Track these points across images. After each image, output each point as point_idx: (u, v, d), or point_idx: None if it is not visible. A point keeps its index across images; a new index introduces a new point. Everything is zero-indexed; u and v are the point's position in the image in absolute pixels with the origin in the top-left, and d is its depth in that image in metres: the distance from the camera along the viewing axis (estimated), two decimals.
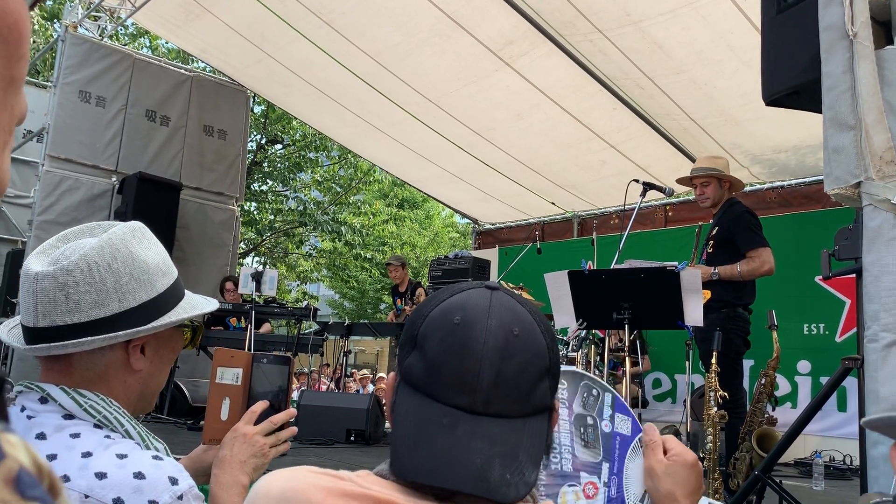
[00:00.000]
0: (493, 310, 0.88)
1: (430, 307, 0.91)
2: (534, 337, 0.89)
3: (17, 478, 0.35)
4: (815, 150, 6.93)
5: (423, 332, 0.89)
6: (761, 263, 4.42)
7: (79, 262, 1.11)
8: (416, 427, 0.85)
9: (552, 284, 4.19)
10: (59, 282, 1.10)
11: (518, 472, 0.83)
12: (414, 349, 0.90)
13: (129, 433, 1.13)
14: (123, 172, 7.90)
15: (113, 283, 1.13)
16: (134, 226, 1.21)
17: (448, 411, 0.85)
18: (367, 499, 0.82)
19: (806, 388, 6.91)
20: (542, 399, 0.89)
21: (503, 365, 0.85)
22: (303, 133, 15.22)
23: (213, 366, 1.40)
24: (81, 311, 1.11)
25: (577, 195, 9.04)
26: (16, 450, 0.35)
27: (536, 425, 0.88)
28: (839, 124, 2.12)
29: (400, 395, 0.90)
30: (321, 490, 0.82)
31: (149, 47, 14.55)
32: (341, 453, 5.60)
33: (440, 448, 0.83)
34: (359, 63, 7.32)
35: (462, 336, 0.86)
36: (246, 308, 6.77)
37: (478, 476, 0.80)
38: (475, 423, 0.84)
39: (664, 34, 5.83)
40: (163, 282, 1.21)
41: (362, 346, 26.72)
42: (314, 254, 18.48)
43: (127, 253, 1.15)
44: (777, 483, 3.20)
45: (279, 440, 1.35)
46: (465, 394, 0.85)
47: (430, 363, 0.87)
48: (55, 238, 1.20)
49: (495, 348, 0.85)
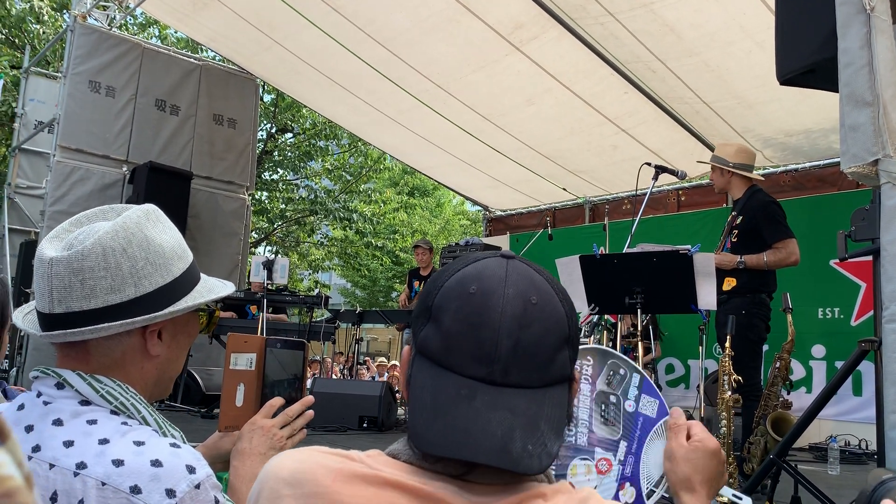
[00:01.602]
0: (510, 278, 0.86)
1: (445, 278, 0.89)
2: (552, 305, 0.86)
3: None
4: (827, 132, 6.86)
5: (439, 304, 0.87)
6: (788, 254, 4.41)
7: (94, 246, 1.09)
8: (434, 399, 0.83)
9: (564, 270, 4.17)
10: (73, 267, 1.08)
11: (540, 442, 0.81)
12: (429, 321, 0.87)
13: (145, 420, 1.12)
14: (134, 162, 7.92)
15: (129, 267, 1.11)
16: (148, 209, 1.19)
17: (466, 382, 0.83)
18: (377, 480, 0.81)
19: (821, 372, 6.86)
20: (561, 368, 0.87)
21: (521, 334, 0.83)
22: (313, 121, 15.20)
23: (226, 352, 1.39)
24: (97, 297, 1.09)
25: (588, 181, 8.99)
26: None
27: (557, 395, 0.86)
28: (856, 101, 2.08)
29: (416, 368, 0.88)
30: (331, 472, 0.81)
31: (158, 37, 14.55)
32: (354, 440, 5.62)
33: (459, 420, 0.80)
34: (368, 50, 7.29)
35: (479, 306, 0.84)
36: (257, 296, 6.78)
37: (499, 448, 0.79)
38: (495, 394, 0.82)
39: (676, 16, 5.76)
40: (178, 266, 1.19)
41: (374, 333, 26.80)
42: (325, 242, 18.50)
43: (142, 237, 1.14)
44: (792, 467, 3.17)
45: (295, 430, 1.35)
46: (484, 364, 0.83)
47: (447, 334, 0.85)
48: (68, 222, 1.18)
49: (513, 317, 0.83)
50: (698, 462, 1.10)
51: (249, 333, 1.74)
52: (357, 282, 21.90)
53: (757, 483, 3.25)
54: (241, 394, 1.36)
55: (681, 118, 7.30)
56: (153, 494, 0.99)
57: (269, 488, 0.84)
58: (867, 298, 6.62)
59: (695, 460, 1.10)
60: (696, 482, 1.09)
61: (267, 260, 6.80)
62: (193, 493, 1.01)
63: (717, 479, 1.11)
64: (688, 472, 1.09)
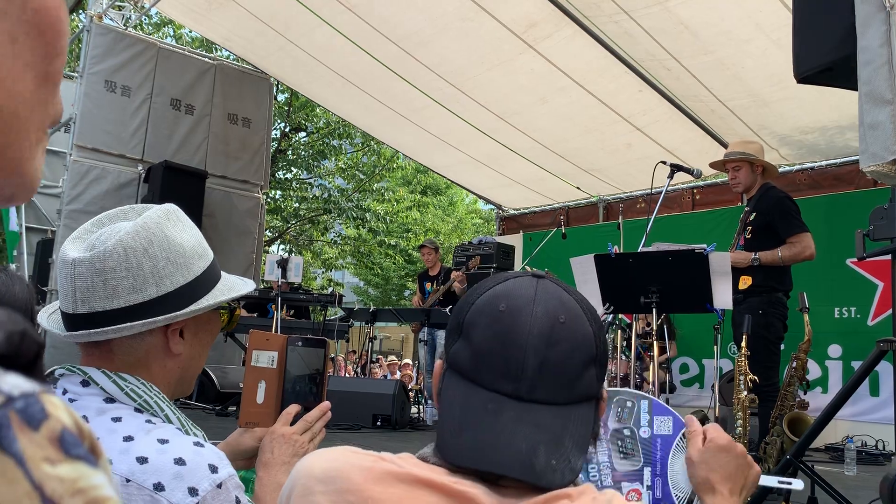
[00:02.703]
0: (539, 297, 0.88)
1: (476, 295, 0.92)
2: (580, 325, 0.88)
3: (60, 437, 0.35)
4: (844, 129, 6.81)
5: (470, 320, 0.90)
6: (802, 248, 4.37)
7: (115, 247, 1.10)
8: (462, 413, 0.86)
9: (578, 269, 4.16)
10: (96, 268, 1.10)
11: (564, 458, 0.83)
12: (460, 337, 0.90)
13: (168, 418, 1.13)
14: (149, 161, 7.96)
15: (150, 267, 1.12)
16: (168, 208, 1.20)
17: (493, 397, 0.85)
18: (408, 478, 0.82)
19: (837, 372, 6.81)
20: (588, 387, 0.89)
21: (548, 352, 0.85)
22: (326, 120, 15.23)
23: (248, 349, 1.40)
24: (119, 297, 1.11)
25: (602, 179, 8.96)
26: (58, 410, 0.36)
27: (583, 413, 0.88)
28: (876, 99, 2.06)
29: (446, 382, 0.91)
30: (362, 470, 0.83)
31: (173, 36, 14.62)
32: (368, 438, 5.63)
33: (486, 433, 0.83)
34: (382, 49, 7.30)
35: (508, 323, 0.86)
36: (272, 294, 6.81)
37: (523, 461, 0.81)
38: (521, 409, 0.84)
39: (691, 14, 5.73)
40: (199, 264, 1.20)
41: (387, 332, 26.83)
42: (338, 241, 18.54)
43: (163, 237, 1.15)
44: (809, 468, 3.15)
45: (315, 433, 1.36)
46: (511, 380, 0.85)
47: (476, 350, 0.88)
48: (90, 223, 1.19)
49: (540, 335, 0.86)
50: (712, 461, 1.09)
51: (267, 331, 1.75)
52: (370, 280, 21.93)
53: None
54: (262, 391, 1.36)
55: (696, 116, 7.27)
56: (176, 492, 1.00)
57: (301, 485, 0.85)
58: (884, 298, 6.57)
59: (709, 460, 1.09)
60: (715, 481, 1.08)
61: (281, 258, 6.83)
62: (215, 493, 1.02)
63: (738, 475, 1.09)
64: (705, 473, 1.09)
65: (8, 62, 0.44)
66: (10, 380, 0.35)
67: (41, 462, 0.34)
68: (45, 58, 0.47)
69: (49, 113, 0.49)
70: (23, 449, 0.33)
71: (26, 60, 0.45)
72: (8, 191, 0.47)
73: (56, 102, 0.49)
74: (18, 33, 0.45)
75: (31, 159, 0.47)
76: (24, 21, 0.45)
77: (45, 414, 0.35)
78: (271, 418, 1.36)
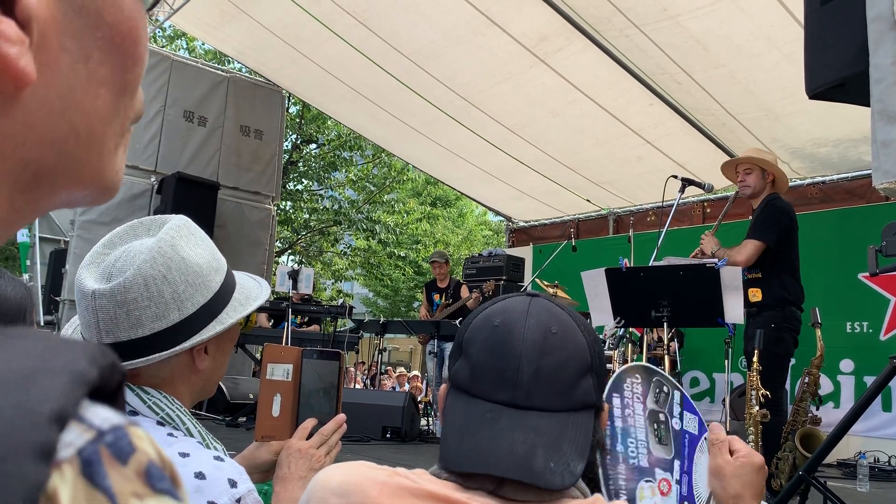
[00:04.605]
0: (532, 311, 0.92)
1: (474, 316, 0.96)
2: (573, 335, 0.91)
3: (147, 470, 0.35)
4: (857, 143, 6.79)
5: (468, 339, 0.94)
6: (739, 252, 4.36)
7: (135, 278, 1.10)
8: (462, 423, 0.88)
9: (589, 282, 4.16)
10: (117, 300, 1.10)
11: (562, 461, 0.84)
12: (460, 356, 0.94)
13: (189, 432, 1.14)
14: (162, 172, 8.02)
15: (170, 293, 1.13)
16: (179, 224, 1.19)
17: (491, 407, 0.88)
18: (423, 493, 0.83)
19: (849, 387, 6.77)
20: (585, 395, 0.90)
21: (542, 361, 0.88)
22: (337, 132, 15.30)
23: (262, 362, 1.40)
24: (143, 326, 1.11)
25: (612, 192, 8.96)
26: (144, 443, 0.36)
27: (581, 420, 0.89)
28: (888, 117, 2.06)
29: (449, 400, 0.94)
30: (378, 484, 0.84)
31: (186, 49, 14.75)
32: (378, 450, 5.63)
33: (485, 440, 0.85)
34: (393, 62, 7.34)
35: (502, 336, 0.90)
36: (283, 306, 6.83)
37: (522, 463, 0.83)
38: (518, 416, 0.87)
39: (702, 28, 5.74)
40: (216, 279, 1.20)
41: (396, 343, 26.81)
42: (348, 252, 18.57)
43: (179, 259, 1.15)
44: (822, 484, 3.14)
45: (331, 446, 1.37)
46: (507, 389, 0.88)
47: (474, 365, 0.91)
48: (101, 244, 1.19)
49: (534, 345, 0.88)
50: (747, 478, 1.11)
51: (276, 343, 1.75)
52: (379, 291, 21.94)
53: (786, 500, 3.22)
54: (277, 404, 1.37)
55: (706, 130, 7.27)
56: None
57: (317, 498, 0.86)
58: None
59: (744, 476, 1.11)
60: (748, 497, 1.11)
61: (292, 269, 6.85)
62: None
63: (761, 494, 1.14)
64: (738, 488, 1.11)
65: (82, 83, 0.42)
66: (100, 413, 0.35)
67: (130, 497, 0.34)
68: (122, 69, 0.44)
69: (129, 115, 0.46)
70: (113, 485, 0.33)
71: (101, 77, 0.43)
72: (90, 198, 0.46)
73: (136, 103, 0.47)
74: (92, 50, 0.42)
75: (109, 165, 0.46)
76: (98, 37, 0.42)
77: (132, 448, 0.35)
78: (287, 431, 1.36)
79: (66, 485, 0.32)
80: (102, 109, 0.44)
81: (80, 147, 0.43)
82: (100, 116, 0.43)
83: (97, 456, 0.33)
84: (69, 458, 0.33)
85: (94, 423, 0.34)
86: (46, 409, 0.32)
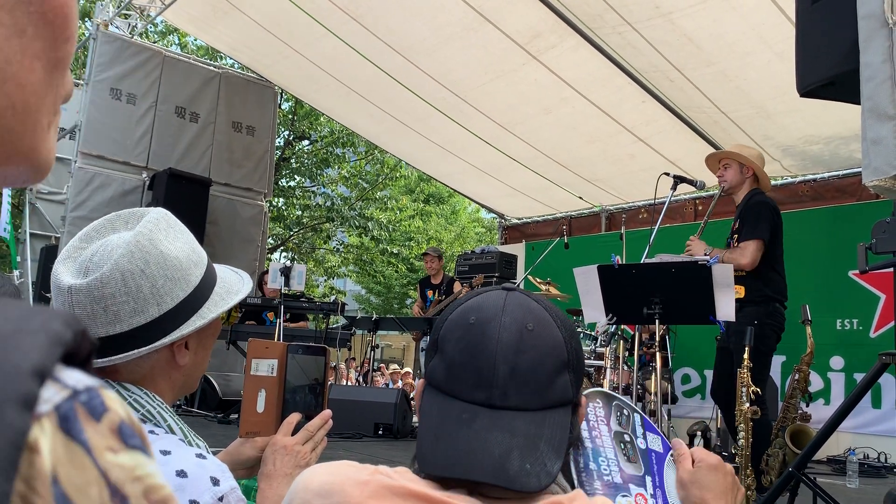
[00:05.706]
0: (508, 308, 0.91)
1: (449, 312, 0.96)
2: (549, 331, 0.90)
3: (119, 428, 0.38)
4: (848, 141, 6.82)
5: (443, 335, 0.93)
6: (741, 255, 4.33)
7: (112, 272, 1.08)
8: (438, 424, 0.88)
9: (582, 279, 4.16)
10: (94, 295, 1.08)
11: (539, 462, 0.84)
12: (436, 353, 0.94)
13: (171, 429, 1.12)
14: (154, 169, 7.99)
15: (149, 288, 1.10)
16: (158, 217, 1.17)
17: (467, 407, 0.88)
18: (403, 492, 0.83)
19: (839, 384, 6.80)
20: (562, 392, 0.90)
21: (518, 359, 0.88)
22: (330, 129, 15.28)
23: (247, 357, 1.39)
24: (122, 321, 1.09)
25: (605, 189, 8.98)
26: (115, 404, 0.38)
27: (559, 418, 0.89)
28: (878, 115, 2.08)
29: (425, 397, 0.93)
30: (359, 485, 0.84)
31: (178, 44, 14.70)
32: (369, 447, 5.63)
33: (460, 442, 0.85)
34: (386, 59, 7.33)
35: (477, 334, 0.89)
36: (275, 303, 6.82)
37: (497, 466, 0.82)
38: (494, 417, 0.86)
39: (694, 26, 5.76)
40: (196, 273, 1.18)
41: (388, 340, 26.81)
42: (341, 249, 18.56)
43: (157, 253, 1.12)
44: (811, 480, 3.15)
45: (317, 443, 1.36)
46: (483, 389, 0.87)
47: (450, 363, 0.90)
48: (78, 238, 1.16)
49: (509, 343, 0.88)
50: (704, 480, 1.13)
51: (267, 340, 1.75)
52: (372, 288, 21.94)
53: (775, 496, 3.23)
54: (262, 400, 1.35)
55: (698, 127, 7.29)
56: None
57: (299, 499, 0.86)
58: (887, 310, 6.56)
59: (701, 480, 1.13)
60: (710, 499, 1.11)
61: (284, 266, 6.83)
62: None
63: (730, 491, 1.14)
64: (698, 493, 1.12)
65: (17, 56, 0.43)
66: (74, 375, 0.37)
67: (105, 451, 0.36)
68: (54, 45, 0.46)
69: (60, 94, 0.48)
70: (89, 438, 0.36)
71: (35, 51, 0.45)
72: (24, 175, 0.48)
73: (66, 83, 0.49)
74: (26, 25, 0.44)
75: (43, 143, 0.48)
76: (30, 13, 0.44)
77: (105, 407, 0.37)
78: (272, 427, 1.35)
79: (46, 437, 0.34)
80: (37, 84, 0.45)
81: (16, 120, 0.45)
82: (34, 90, 0.45)
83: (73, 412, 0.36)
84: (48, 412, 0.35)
85: (69, 382, 0.37)
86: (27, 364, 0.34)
